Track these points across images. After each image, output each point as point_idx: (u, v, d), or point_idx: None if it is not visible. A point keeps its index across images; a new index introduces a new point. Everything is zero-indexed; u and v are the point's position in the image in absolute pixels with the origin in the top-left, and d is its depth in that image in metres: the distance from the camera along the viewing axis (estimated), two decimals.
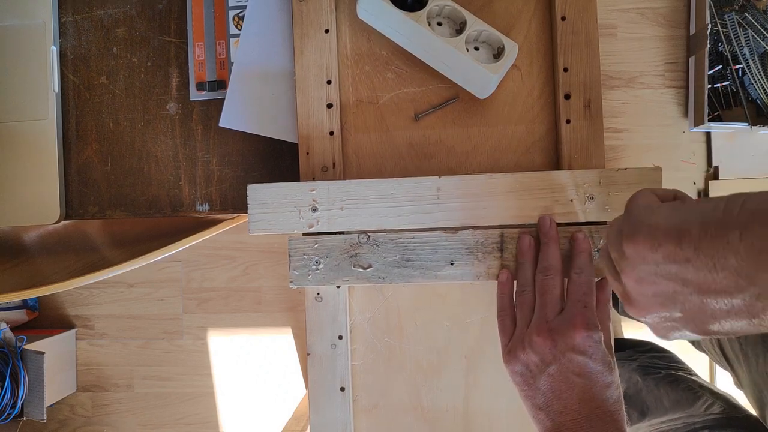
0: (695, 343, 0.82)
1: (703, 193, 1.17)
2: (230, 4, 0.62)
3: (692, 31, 1.14)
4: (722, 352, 0.69)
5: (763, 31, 1.06)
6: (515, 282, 0.48)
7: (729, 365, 0.69)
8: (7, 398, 1.10)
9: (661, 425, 0.81)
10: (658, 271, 0.31)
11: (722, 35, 1.07)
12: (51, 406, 1.24)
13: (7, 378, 1.10)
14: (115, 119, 0.63)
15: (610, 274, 0.36)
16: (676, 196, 0.36)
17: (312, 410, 0.54)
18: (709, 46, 1.07)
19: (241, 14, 0.62)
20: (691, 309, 0.31)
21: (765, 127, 1.07)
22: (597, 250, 0.48)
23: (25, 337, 1.15)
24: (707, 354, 0.77)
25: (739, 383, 0.68)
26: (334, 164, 0.54)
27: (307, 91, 0.55)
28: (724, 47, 1.07)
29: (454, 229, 0.50)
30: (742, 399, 0.75)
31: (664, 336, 0.34)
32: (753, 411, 0.70)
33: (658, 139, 1.17)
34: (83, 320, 1.33)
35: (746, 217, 0.27)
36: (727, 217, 0.28)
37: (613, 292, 0.48)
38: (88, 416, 1.33)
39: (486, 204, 0.49)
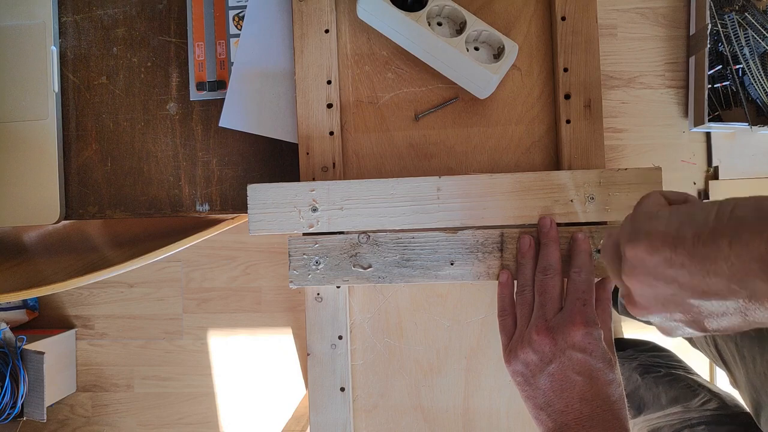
0: (691, 341, 0.82)
1: (703, 192, 1.17)
2: (230, 4, 0.62)
3: (692, 31, 1.14)
4: (718, 352, 0.69)
5: (763, 31, 1.06)
6: (515, 282, 0.48)
7: (725, 365, 0.69)
8: (7, 398, 1.10)
9: (657, 420, 0.81)
10: (656, 275, 0.32)
11: (722, 35, 1.07)
12: (51, 406, 1.24)
13: (7, 378, 1.10)
14: (115, 119, 0.63)
15: (613, 273, 0.37)
16: (687, 200, 0.36)
17: (312, 410, 0.54)
18: (709, 46, 1.07)
19: (241, 14, 0.62)
20: (689, 310, 0.32)
21: (765, 127, 1.07)
22: (597, 250, 0.48)
23: (25, 337, 1.15)
24: (703, 352, 0.77)
25: (735, 383, 0.67)
26: (334, 164, 0.54)
27: (307, 91, 0.55)
28: (724, 47, 1.07)
29: (454, 229, 0.50)
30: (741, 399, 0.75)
31: (668, 334, 0.35)
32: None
33: (658, 139, 1.17)
34: (83, 320, 1.33)
35: (735, 224, 0.28)
36: (717, 224, 0.29)
37: (612, 291, 0.48)
38: (88, 416, 1.33)
39: (486, 204, 0.49)
